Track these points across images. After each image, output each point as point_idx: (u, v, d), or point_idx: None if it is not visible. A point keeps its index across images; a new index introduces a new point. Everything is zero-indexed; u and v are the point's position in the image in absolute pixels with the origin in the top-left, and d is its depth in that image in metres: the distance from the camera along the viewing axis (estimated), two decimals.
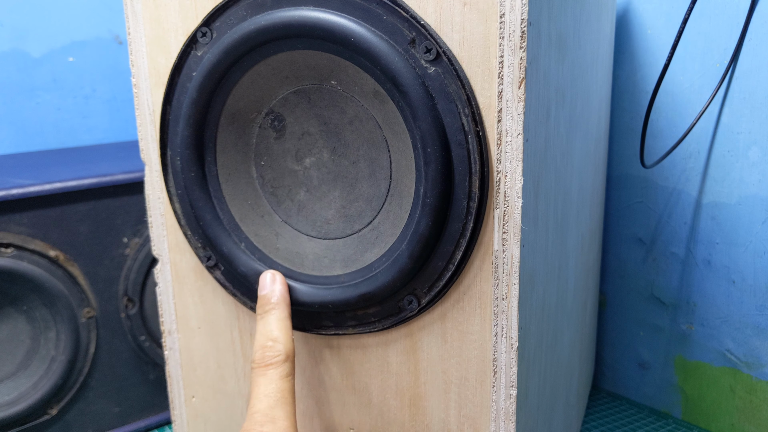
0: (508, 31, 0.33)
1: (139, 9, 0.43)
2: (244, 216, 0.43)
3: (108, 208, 0.61)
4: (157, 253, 0.47)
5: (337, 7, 0.36)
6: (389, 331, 0.40)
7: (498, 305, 0.37)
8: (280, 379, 0.38)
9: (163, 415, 0.67)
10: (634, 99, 0.65)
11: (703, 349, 0.63)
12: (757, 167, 0.57)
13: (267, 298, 0.41)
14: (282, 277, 0.41)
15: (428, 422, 0.41)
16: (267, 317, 0.40)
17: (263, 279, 0.41)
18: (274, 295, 0.40)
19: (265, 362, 0.39)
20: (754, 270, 0.58)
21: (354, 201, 0.41)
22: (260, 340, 0.39)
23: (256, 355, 0.39)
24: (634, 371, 0.70)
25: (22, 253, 0.57)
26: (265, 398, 0.38)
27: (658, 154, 0.63)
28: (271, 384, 0.38)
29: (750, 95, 0.56)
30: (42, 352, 0.60)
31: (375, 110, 0.38)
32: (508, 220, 0.35)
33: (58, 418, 0.61)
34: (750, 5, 0.55)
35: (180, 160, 0.42)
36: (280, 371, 0.39)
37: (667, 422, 0.66)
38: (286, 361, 0.39)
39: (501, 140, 0.35)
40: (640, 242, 0.67)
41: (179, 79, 0.42)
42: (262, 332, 0.40)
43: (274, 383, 0.38)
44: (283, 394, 0.38)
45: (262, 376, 0.38)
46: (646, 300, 0.67)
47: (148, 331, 0.65)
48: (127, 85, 0.93)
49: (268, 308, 0.40)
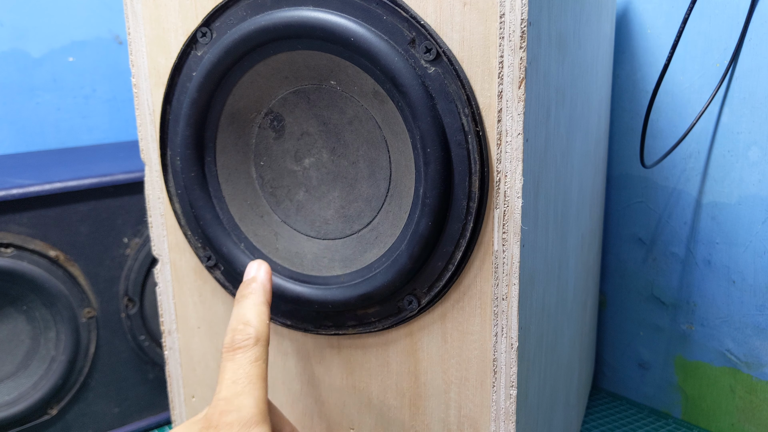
0: (508, 31, 0.33)
1: (139, 9, 0.43)
2: (244, 216, 0.43)
3: (108, 208, 0.61)
4: (157, 253, 0.47)
5: (336, 7, 0.36)
6: (389, 331, 0.40)
7: (498, 305, 0.37)
8: (248, 364, 0.36)
9: (163, 415, 0.67)
10: (634, 99, 0.65)
11: (703, 349, 0.63)
12: (757, 167, 0.57)
13: (246, 283, 0.40)
14: (267, 266, 0.40)
15: (428, 422, 0.41)
16: (243, 301, 0.39)
17: (249, 267, 0.40)
18: (254, 280, 0.39)
19: (233, 346, 0.37)
20: (754, 270, 0.58)
21: (353, 201, 0.41)
22: (232, 324, 0.38)
23: (226, 338, 0.37)
24: (634, 371, 0.70)
25: (22, 253, 0.57)
26: (232, 384, 0.36)
27: (658, 154, 0.63)
28: (239, 369, 0.36)
29: (750, 95, 0.56)
30: (42, 352, 0.60)
31: (374, 110, 0.38)
32: (508, 220, 0.35)
33: (58, 418, 0.61)
34: (750, 5, 0.55)
35: (180, 160, 0.42)
36: (249, 355, 0.37)
37: (667, 422, 0.66)
38: (255, 345, 0.37)
39: (501, 140, 0.35)
40: (640, 242, 0.67)
41: (179, 79, 0.42)
42: (236, 316, 0.38)
43: (243, 368, 0.36)
44: (251, 380, 0.36)
45: (230, 360, 0.37)
46: (646, 300, 0.67)
47: (148, 331, 0.65)
48: (127, 85, 0.93)
49: (246, 293, 0.39)
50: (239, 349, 0.37)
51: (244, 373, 0.36)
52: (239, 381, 0.36)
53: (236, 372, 0.36)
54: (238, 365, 0.36)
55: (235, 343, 0.37)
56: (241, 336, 0.37)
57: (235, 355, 0.36)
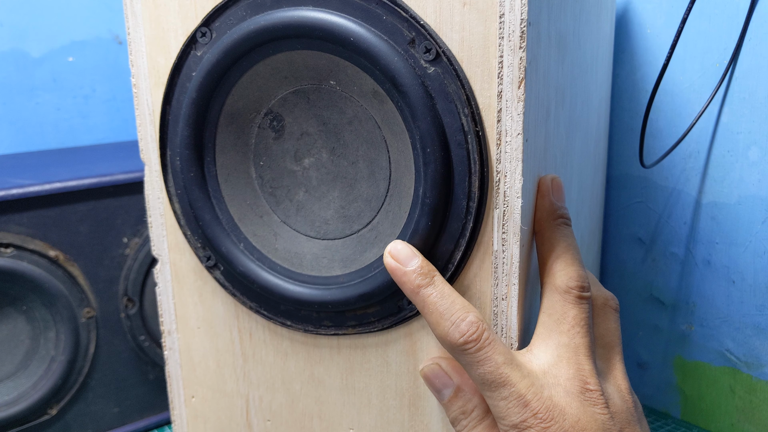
0: (507, 31, 0.33)
1: (138, 9, 0.43)
2: (243, 216, 0.43)
3: (108, 208, 0.61)
4: (157, 253, 0.47)
5: (336, 7, 0.36)
6: (389, 331, 0.40)
7: (498, 305, 0.37)
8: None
9: (163, 415, 0.67)
10: (634, 98, 0.65)
11: (702, 349, 0.63)
12: (757, 167, 0.57)
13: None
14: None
15: (428, 422, 0.41)
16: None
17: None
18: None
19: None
20: (753, 270, 0.58)
21: (353, 201, 0.41)
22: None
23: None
24: (634, 371, 0.70)
25: (21, 253, 0.57)
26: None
27: (657, 153, 0.63)
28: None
29: (750, 95, 0.56)
30: (42, 352, 0.60)
31: (374, 110, 0.38)
32: (507, 220, 0.35)
33: (58, 418, 0.61)
34: (750, 5, 0.55)
35: (179, 160, 0.42)
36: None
37: (666, 422, 0.66)
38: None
39: (501, 140, 0.35)
40: (639, 242, 0.67)
41: (179, 79, 0.42)
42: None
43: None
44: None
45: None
46: (645, 300, 0.67)
47: (148, 331, 0.65)
48: (127, 85, 0.93)
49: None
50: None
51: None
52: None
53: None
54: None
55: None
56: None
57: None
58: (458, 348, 0.34)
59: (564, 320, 0.35)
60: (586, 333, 0.35)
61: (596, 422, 0.33)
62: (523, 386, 0.33)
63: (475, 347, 0.34)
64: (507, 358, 0.34)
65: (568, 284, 0.36)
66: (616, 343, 0.38)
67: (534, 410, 0.33)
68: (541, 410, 0.33)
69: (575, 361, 0.34)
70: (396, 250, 0.36)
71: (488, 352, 0.33)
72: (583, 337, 0.35)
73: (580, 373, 0.34)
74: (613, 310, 0.39)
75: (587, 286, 0.36)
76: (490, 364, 0.33)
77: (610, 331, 0.38)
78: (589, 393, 0.34)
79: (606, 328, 0.38)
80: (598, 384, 0.34)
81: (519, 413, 0.33)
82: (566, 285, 0.36)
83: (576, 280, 0.36)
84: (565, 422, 0.33)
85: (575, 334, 0.35)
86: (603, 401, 0.34)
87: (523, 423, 0.33)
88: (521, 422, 0.33)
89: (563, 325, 0.35)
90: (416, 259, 0.36)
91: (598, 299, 0.39)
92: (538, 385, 0.33)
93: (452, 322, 0.34)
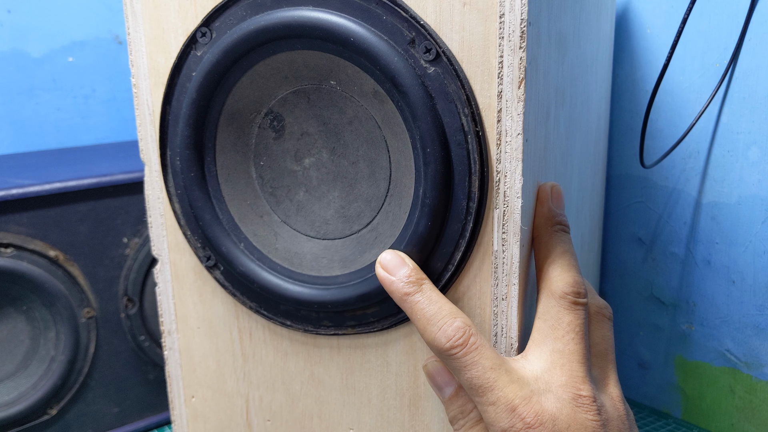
0: (507, 31, 0.33)
1: (138, 9, 0.43)
2: (243, 216, 0.43)
3: (108, 208, 0.61)
4: (157, 253, 0.47)
5: (336, 7, 0.36)
6: (389, 331, 0.40)
7: (498, 305, 0.37)
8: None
9: (162, 415, 0.67)
10: (634, 98, 0.65)
11: (702, 349, 0.63)
12: (757, 167, 0.57)
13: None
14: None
15: (428, 422, 0.41)
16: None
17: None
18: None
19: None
20: (753, 270, 0.58)
21: (353, 201, 0.41)
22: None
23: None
24: (634, 371, 0.70)
25: (21, 253, 0.57)
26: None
27: (657, 153, 0.63)
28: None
29: (750, 95, 0.56)
30: (42, 352, 0.60)
31: (374, 110, 0.38)
32: (507, 221, 0.35)
33: (58, 418, 0.61)
34: (750, 5, 0.55)
35: (179, 160, 0.42)
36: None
37: (666, 422, 0.66)
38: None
39: (501, 140, 0.35)
40: (639, 242, 0.67)
41: (179, 79, 0.42)
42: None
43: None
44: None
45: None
46: (645, 300, 0.67)
47: (148, 331, 0.65)
48: (127, 85, 0.93)
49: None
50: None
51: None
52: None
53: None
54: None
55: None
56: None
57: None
58: (445, 352, 0.34)
59: (559, 326, 0.35)
60: (580, 340, 0.35)
61: (587, 429, 0.33)
62: (510, 391, 0.33)
63: (461, 352, 0.34)
64: (495, 363, 0.34)
65: (564, 290, 0.36)
66: (609, 352, 0.38)
67: (522, 415, 0.33)
68: (529, 415, 0.33)
69: (569, 367, 0.34)
70: (385, 261, 0.36)
71: (475, 357, 0.34)
72: (578, 344, 0.35)
73: (572, 379, 0.34)
74: (606, 319, 0.39)
75: (583, 293, 0.36)
76: (476, 369, 0.33)
77: (604, 339, 0.38)
78: (582, 400, 0.34)
79: (600, 336, 0.38)
80: (591, 391, 0.34)
81: (507, 418, 0.33)
82: (562, 290, 0.36)
83: (572, 286, 0.36)
84: (555, 428, 0.33)
85: (569, 341, 0.35)
86: (595, 408, 0.34)
87: (512, 428, 0.33)
88: (510, 427, 0.33)
89: (558, 331, 0.35)
90: (405, 268, 0.36)
91: (592, 307, 0.39)
92: (527, 391, 0.33)
93: (439, 327, 0.34)
